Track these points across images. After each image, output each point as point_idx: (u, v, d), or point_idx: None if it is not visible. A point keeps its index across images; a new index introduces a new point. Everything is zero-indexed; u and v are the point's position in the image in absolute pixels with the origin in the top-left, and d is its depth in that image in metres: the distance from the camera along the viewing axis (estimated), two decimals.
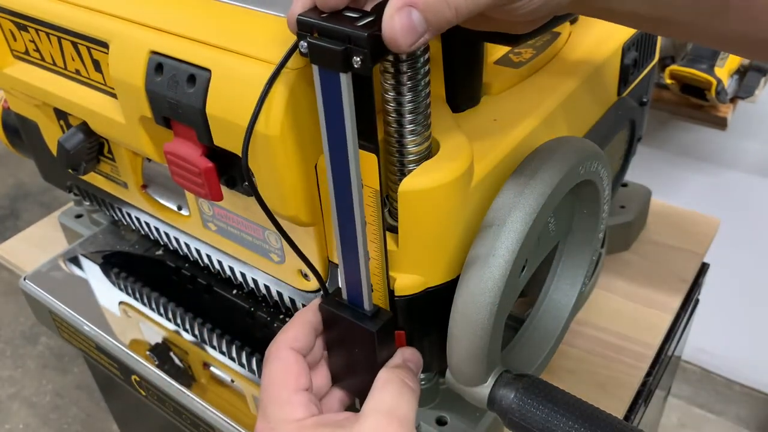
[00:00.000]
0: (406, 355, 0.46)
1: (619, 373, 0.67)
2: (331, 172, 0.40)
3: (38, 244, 0.87)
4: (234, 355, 0.62)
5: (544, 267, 0.53)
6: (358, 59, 0.34)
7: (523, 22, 0.39)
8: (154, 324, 0.66)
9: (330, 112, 0.37)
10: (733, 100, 1.03)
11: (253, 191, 0.42)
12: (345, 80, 0.35)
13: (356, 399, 0.49)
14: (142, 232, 0.70)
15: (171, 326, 0.66)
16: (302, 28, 0.36)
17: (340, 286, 0.45)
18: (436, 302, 0.45)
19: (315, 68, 0.36)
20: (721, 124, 1.03)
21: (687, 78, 0.94)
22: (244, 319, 0.65)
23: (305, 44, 0.36)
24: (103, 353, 0.66)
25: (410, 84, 0.38)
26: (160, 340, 0.64)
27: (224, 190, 0.48)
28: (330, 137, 0.38)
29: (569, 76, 0.53)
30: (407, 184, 0.41)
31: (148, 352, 0.63)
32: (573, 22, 0.59)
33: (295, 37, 0.37)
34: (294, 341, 0.45)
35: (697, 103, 1.02)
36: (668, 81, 0.99)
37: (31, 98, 0.61)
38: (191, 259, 0.66)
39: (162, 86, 0.45)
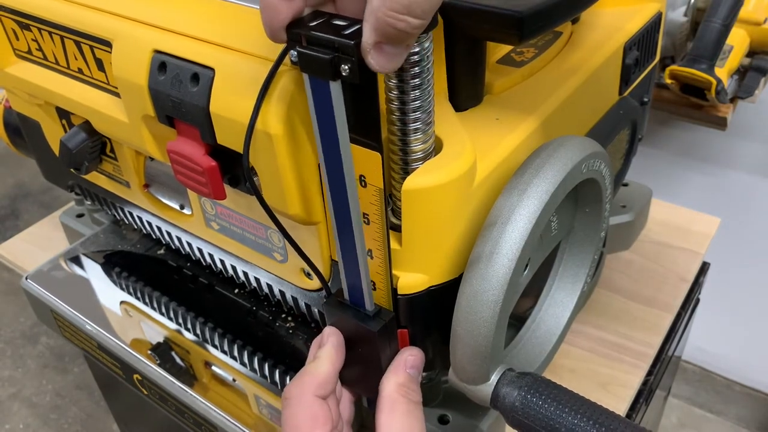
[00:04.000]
0: (409, 360, 0.46)
1: (620, 373, 0.67)
2: (326, 175, 0.40)
3: (39, 244, 0.87)
4: (236, 354, 0.62)
5: (546, 266, 0.53)
6: (346, 67, 0.35)
7: None
8: (156, 323, 0.66)
9: (322, 118, 0.37)
10: (733, 100, 1.03)
11: (254, 191, 0.42)
12: (335, 88, 0.36)
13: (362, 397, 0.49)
14: (144, 232, 0.71)
15: (173, 326, 0.66)
16: (291, 36, 0.36)
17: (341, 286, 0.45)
18: (439, 301, 0.45)
19: (305, 76, 0.37)
20: (721, 124, 1.03)
21: (687, 78, 0.94)
22: (245, 319, 0.65)
23: (295, 53, 0.36)
24: (105, 352, 0.66)
25: (414, 83, 0.39)
26: (161, 340, 0.65)
27: (227, 188, 0.48)
28: (323, 141, 0.38)
29: (571, 76, 0.53)
30: (411, 183, 0.41)
31: (149, 352, 0.63)
32: (575, 21, 0.59)
33: None
34: (318, 389, 0.44)
35: (697, 103, 1.01)
36: (668, 81, 0.99)
37: (33, 97, 0.61)
38: (193, 258, 0.66)
39: (165, 85, 0.45)
